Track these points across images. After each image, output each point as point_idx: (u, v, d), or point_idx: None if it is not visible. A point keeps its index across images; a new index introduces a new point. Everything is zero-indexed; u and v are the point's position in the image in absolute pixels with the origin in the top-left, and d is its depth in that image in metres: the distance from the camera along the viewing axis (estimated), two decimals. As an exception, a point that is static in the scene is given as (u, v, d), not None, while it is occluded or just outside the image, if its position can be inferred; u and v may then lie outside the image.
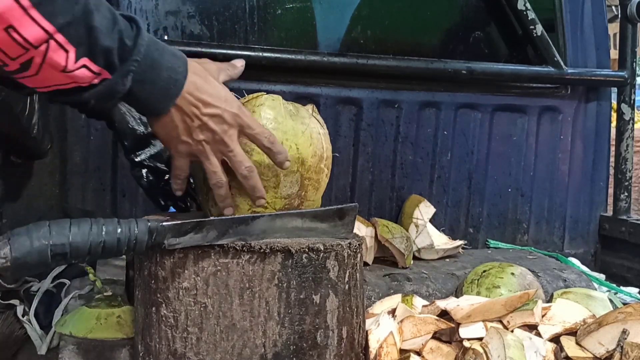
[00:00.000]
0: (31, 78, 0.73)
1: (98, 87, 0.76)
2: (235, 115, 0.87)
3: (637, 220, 1.81)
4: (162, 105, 0.83)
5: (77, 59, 0.72)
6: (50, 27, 0.69)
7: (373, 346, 0.98)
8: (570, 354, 0.99)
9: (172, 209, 1.48)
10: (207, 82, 0.86)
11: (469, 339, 1.01)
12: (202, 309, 0.84)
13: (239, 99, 0.95)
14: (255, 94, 0.97)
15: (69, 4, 0.70)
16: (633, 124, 1.87)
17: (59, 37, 0.70)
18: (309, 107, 1.01)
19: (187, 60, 0.85)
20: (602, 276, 1.73)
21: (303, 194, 0.97)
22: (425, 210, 1.59)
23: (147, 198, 1.14)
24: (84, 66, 0.73)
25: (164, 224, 0.81)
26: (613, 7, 4.48)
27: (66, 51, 0.71)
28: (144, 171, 1.10)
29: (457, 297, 1.23)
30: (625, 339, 0.96)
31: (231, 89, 0.91)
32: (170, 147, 0.89)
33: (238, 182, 0.90)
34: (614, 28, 2.16)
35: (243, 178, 0.89)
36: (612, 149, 1.91)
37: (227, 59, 1.42)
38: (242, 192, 0.92)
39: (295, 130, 0.95)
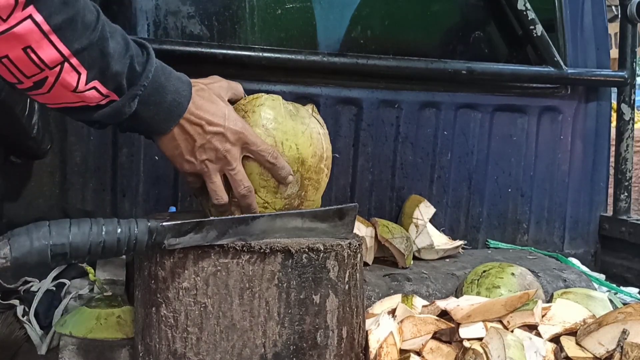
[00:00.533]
0: (43, 95, 0.76)
1: (105, 107, 0.80)
2: (237, 132, 0.89)
3: (637, 220, 1.81)
4: (164, 125, 0.86)
5: (88, 81, 0.76)
6: (66, 51, 0.72)
7: (373, 346, 0.98)
8: (570, 354, 0.99)
9: (172, 209, 1.48)
10: (210, 102, 0.89)
11: (469, 339, 1.01)
12: (202, 309, 0.84)
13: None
14: (255, 95, 0.97)
15: (87, 31, 0.73)
16: (633, 124, 1.87)
17: (74, 61, 0.73)
18: (309, 107, 1.02)
19: (191, 83, 0.89)
20: (602, 276, 1.73)
21: (303, 194, 0.97)
22: (425, 210, 1.59)
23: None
24: (94, 88, 0.77)
25: (164, 224, 0.81)
26: (613, 7, 4.48)
27: (79, 73, 0.74)
28: None
29: (457, 297, 1.23)
30: (625, 339, 0.96)
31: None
32: (176, 165, 0.92)
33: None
34: (614, 28, 2.16)
35: (241, 197, 0.92)
36: (612, 149, 1.91)
37: (227, 59, 1.44)
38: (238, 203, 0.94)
39: (296, 130, 0.95)
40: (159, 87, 0.83)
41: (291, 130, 0.95)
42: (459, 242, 1.59)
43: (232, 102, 0.96)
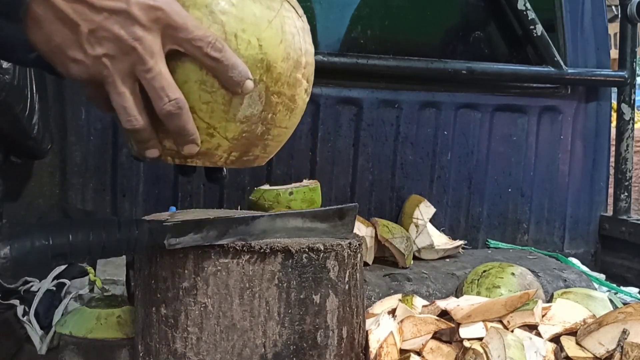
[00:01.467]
0: None
1: None
2: (153, 8, 0.57)
3: (637, 220, 1.81)
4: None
5: None
6: None
7: (373, 346, 0.98)
8: (570, 354, 0.99)
9: (172, 209, 1.48)
10: None
11: (469, 339, 1.01)
12: (202, 309, 0.84)
13: None
14: None
15: None
16: (633, 124, 1.87)
17: None
18: None
19: None
20: (602, 276, 1.73)
21: (270, 117, 0.68)
22: (425, 210, 1.59)
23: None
24: None
25: (164, 224, 0.81)
26: (613, 7, 4.48)
27: None
28: None
29: (457, 297, 1.23)
30: (625, 339, 0.96)
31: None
32: (59, 67, 0.60)
33: None
34: (614, 28, 2.16)
35: (165, 116, 0.61)
36: (612, 149, 1.91)
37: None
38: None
39: (258, 18, 0.63)
40: None
41: (250, 18, 0.63)
42: (459, 242, 1.59)
43: None
